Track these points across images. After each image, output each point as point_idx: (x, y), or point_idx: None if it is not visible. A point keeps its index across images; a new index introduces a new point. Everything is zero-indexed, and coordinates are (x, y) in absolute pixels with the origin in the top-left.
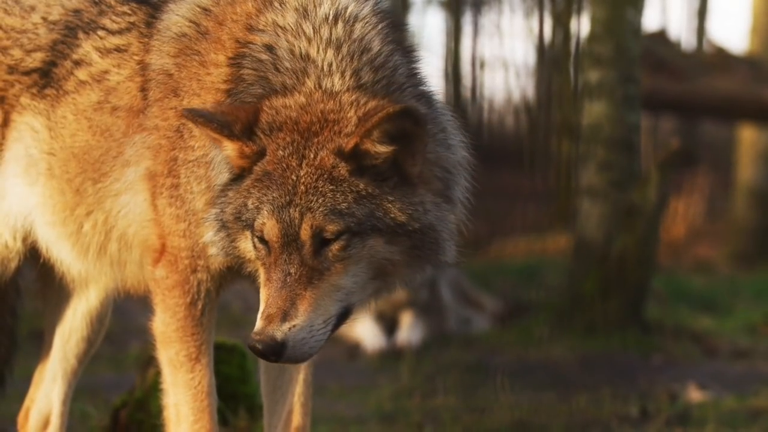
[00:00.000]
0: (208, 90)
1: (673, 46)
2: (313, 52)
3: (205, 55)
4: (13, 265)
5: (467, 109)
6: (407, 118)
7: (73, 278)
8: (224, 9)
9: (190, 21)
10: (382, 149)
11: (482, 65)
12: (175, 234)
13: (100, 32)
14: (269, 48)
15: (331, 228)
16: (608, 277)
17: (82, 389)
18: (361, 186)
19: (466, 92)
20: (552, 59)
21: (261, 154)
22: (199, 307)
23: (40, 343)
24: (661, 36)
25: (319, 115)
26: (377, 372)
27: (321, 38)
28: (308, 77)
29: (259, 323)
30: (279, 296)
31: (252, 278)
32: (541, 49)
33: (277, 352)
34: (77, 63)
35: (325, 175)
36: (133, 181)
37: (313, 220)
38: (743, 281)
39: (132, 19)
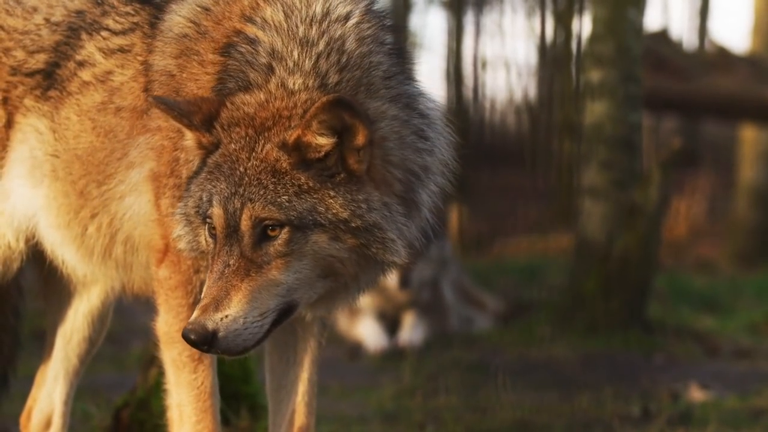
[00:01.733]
0: (205, 90)
1: (675, 46)
2: (284, 50)
3: (204, 54)
4: (16, 265)
5: (469, 108)
6: (342, 107)
7: (78, 280)
8: (223, 8)
9: (191, 21)
10: (323, 141)
11: (484, 65)
12: None
13: (104, 33)
14: (251, 41)
15: (270, 219)
16: (610, 277)
17: (84, 389)
18: (303, 180)
19: (468, 92)
20: (553, 59)
21: (216, 146)
22: None
23: (42, 343)
24: (662, 35)
25: (274, 112)
26: (379, 372)
27: (294, 37)
28: (274, 75)
29: (194, 313)
30: (215, 287)
31: None
32: (542, 48)
33: (208, 341)
34: (81, 64)
35: (269, 168)
36: (138, 182)
37: (252, 211)
38: (745, 281)
39: (135, 19)
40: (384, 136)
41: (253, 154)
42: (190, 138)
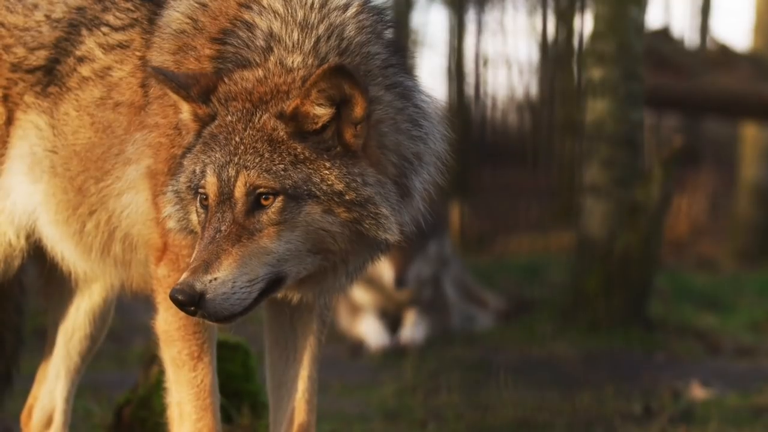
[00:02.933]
0: None
1: (677, 44)
2: (283, 33)
3: (201, 50)
4: (17, 263)
5: (470, 106)
6: (343, 75)
7: (78, 276)
8: (221, 4)
9: (188, 17)
10: (321, 111)
11: (485, 63)
12: None
13: (104, 28)
14: (249, 26)
15: (264, 186)
16: (611, 275)
17: (85, 387)
18: (299, 149)
19: (470, 90)
20: (555, 57)
21: (212, 118)
22: None
23: (43, 341)
24: (664, 33)
25: (273, 87)
26: (381, 370)
27: (294, 20)
28: (272, 54)
29: (183, 274)
30: (206, 250)
31: None
32: (544, 46)
33: (195, 302)
34: (80, 59)
35: (265, 137)
36: (135, 179)
37: (247, 178)
38: (747, 279)
39: (135, 15)
40: (379, 119)
41: (250, 124)
42: (186, 111)
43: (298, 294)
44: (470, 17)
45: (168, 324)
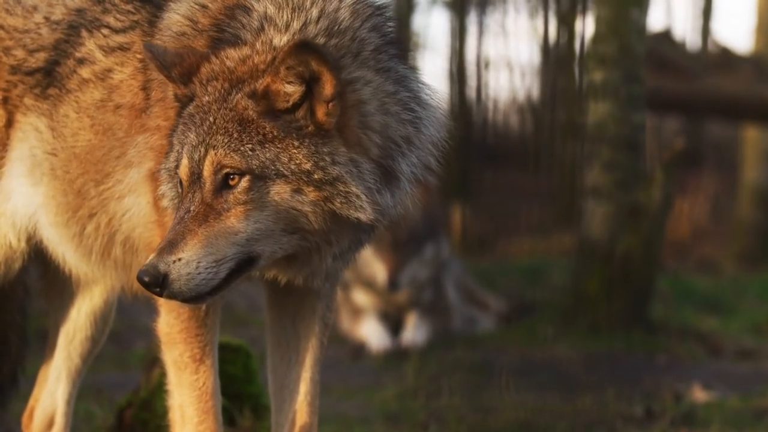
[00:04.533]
0: None
1: (678, 46)
2: (275, 14)
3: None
4: (17, 265)
5: (472, 109)
6: (308, 51)
7: (79, 278)
8: (221, 4)
9: (189, 19)
10: (291, 89)
11: (487, 65)
12: None
13: (104, 30)
14: (247, 9)
15: (230, 166)
16: (613, 277)
17: (87, 389)
18: (268, 128)
19: (471, 92)
20: (556, 59)
21: (190, 99)
22: (203, 307)
23: (45, 343)
24: (665, 36)
25: (252, 66)
26: (382, 372)
27: (289, 4)
28: (263, 34)
29: (150, 257)
30: (173, 231)
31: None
32: (545, 49)
33: (159, 283)
34: (80, 61)
35: (237, 117)
36: (136, 182)
37: (215, 157)
38: (748, 281)
39: (135, 17)
40: (362, 100)
41: (224, 104)
42: (170, 88)
43: (287, 276)
44: (472, 20)
45: (170, 326)
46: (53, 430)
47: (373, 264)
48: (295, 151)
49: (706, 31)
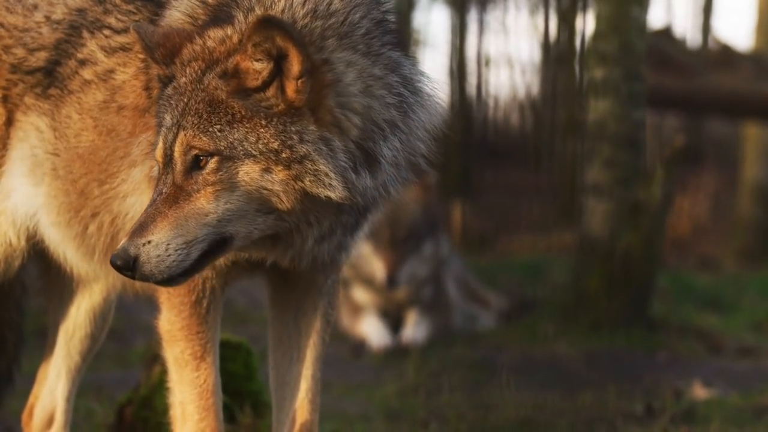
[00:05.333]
0: None
1: (678, 44)
2: None
3: None
4: (17, 263)
5: (472, 106)
6: (272, 27)
7: (80, 277)
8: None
9: (189, 16)
10: (259, 66)
11: (487, 62)
12: None
13: (106, 31)
14: None
15: (198, 148)
16: (613, 275)
17: (87, 386)
18: (237, 108)
19: (472, 89)
20: (557, 56)
21: (170, 80)
22: (204, 305)
23: (44, 341)
24: (666, 33)
25: (230, 46)
26: (382, 369)
27: None
28: (251, 14)
29: (122, 240)
30: (145, 213)
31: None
32: (546, 46)
33: (129, 266)
34: (82, 62)
35: (207, 98)
36: (141, 181)
37: (184, 138)
38: (748, 278)
39: (137, 17)
40: (340, 80)
41: (199, 85)
42: (154, 70)
43: (271, 258)
44: (472, 17)
45: (171, 324)
46: (53, 427)
47: (372, 261)
48: (263, 130)
49: (706, 28)
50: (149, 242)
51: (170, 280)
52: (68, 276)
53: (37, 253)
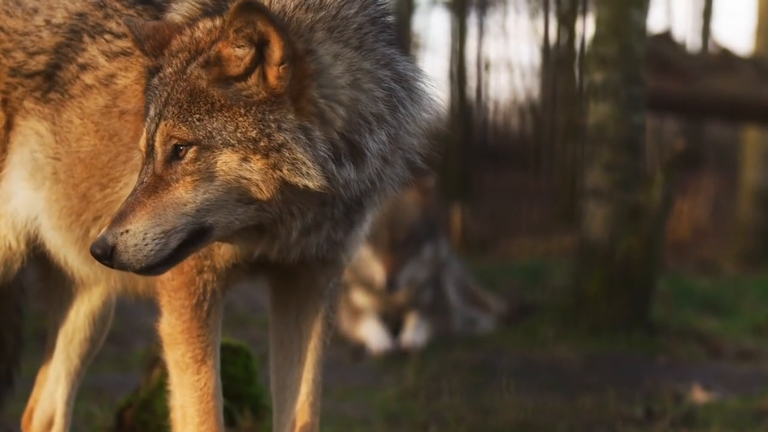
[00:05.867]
0: None
1: (678, 47)
2: None
3: None
4: (17, 266)
5: (472, 109)
6: (252, 12)
7: (81, 281)
8: (219, 2)
9: (190, 18)
10: (241, 52)
11: (487, 66)
12: None
13: (107, 36)
14: None
15: (177, 137)
16: (613, 278)
17: (86, 389)
18: (216, 97)
19: (471, 93)
20: (557, 60)
21: (158, 71)
22: (205, 308)
23: (44, 344)
24: (666, 37)
25: (216, 36)
26: (382, 372)
27: None
28: None
29: (102, 229)
30: (125, 203)
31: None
32: (546, 50)
33: (107, 255)
34: (83, 67)
35: (189, 87)
36: None
37: (164, 128)
38: (748, 282)
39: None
40: (325, 71)
41: (183, 76)
42: (144, 62)
43: (258, 250)
44: (472, 20)
45: (172, 327)
46: (53, 430)
47: (372, 264)
48: (241, 119)
49: (706, 32)
50: (127, 231)
51: (149, 269)
52: (68, 279)
53: (36, 256)
